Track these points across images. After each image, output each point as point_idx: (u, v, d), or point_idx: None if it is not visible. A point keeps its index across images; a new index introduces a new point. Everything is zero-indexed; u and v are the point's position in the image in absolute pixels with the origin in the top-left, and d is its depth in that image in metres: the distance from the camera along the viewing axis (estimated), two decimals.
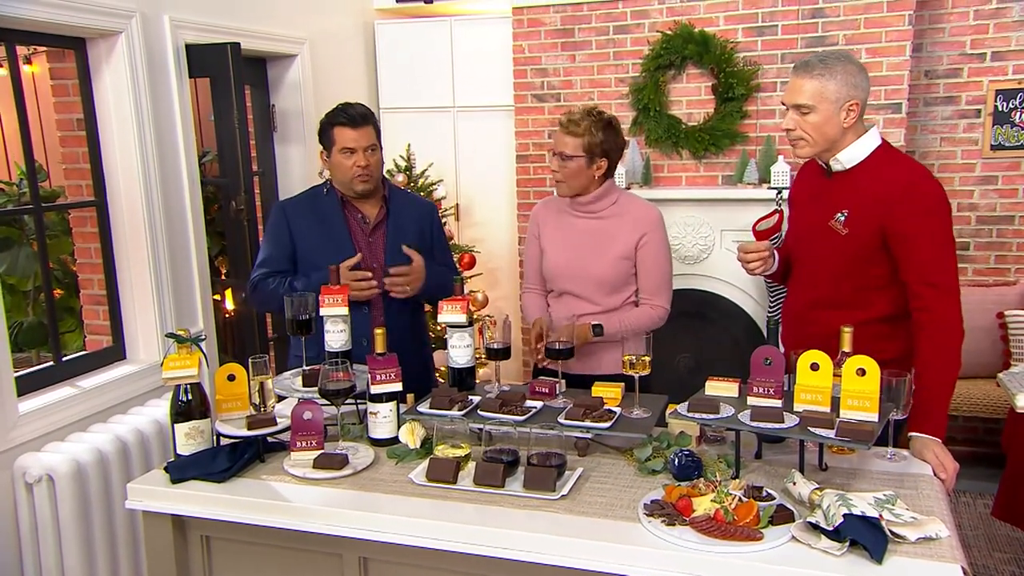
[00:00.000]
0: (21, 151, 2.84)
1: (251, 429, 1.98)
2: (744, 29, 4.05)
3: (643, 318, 2.53)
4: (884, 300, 2.13)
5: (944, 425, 1.98)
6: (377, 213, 2.62)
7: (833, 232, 2.13)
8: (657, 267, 2.55)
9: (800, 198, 2.34)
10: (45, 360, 4.38)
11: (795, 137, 2.11)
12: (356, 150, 2.50)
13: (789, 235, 2.40)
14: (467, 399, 2.12)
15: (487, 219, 4.79)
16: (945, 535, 1.57)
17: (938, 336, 2.00)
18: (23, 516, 2.53)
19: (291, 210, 2.62)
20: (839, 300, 2.16)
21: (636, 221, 2.52)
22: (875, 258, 2.10)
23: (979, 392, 3.81)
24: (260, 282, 2.57)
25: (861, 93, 2.06)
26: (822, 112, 2.05)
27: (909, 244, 2.03)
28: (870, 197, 2.06)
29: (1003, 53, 3.96)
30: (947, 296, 2.02)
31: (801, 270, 2.29)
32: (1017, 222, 4.06)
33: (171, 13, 3.15)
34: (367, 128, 2.52)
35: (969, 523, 3.59)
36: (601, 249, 2.53)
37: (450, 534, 1.70)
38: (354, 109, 2.53)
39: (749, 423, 1.79)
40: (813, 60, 2.07)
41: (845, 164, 2.12)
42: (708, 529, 1.59)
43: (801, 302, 2.28)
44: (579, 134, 2.45)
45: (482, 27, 4.59)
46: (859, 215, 2.08)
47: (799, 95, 2.06)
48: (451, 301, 2.19)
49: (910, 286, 2.06)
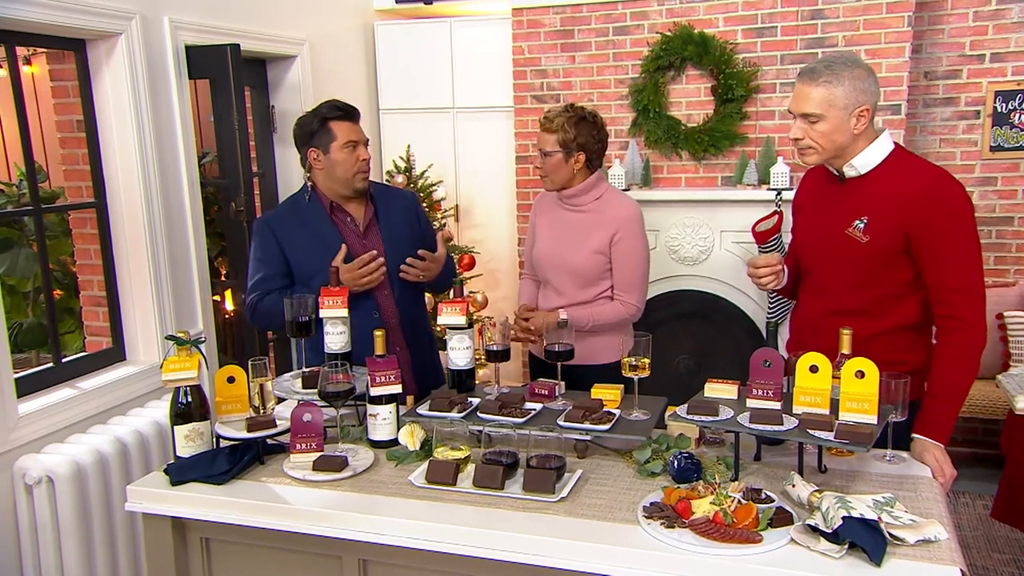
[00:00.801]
0: (21, 152, 2.84)
1: (251, 431, 1.98)
2: (744, 30, 4.05)
3: (612, 313, 2.59)
4: (906, 308, 2.06)
5: (950, 431, 1.95)
6: (365, 213, 2.57)
7: (852, 240, 2.04)
8: (630, 264, 2.59)
9: (808, 205, 2.25)
10: (45, 361, 4.38)
11: (804, 146, 2.04)
12: (359, 143, 2.47)
13: (797, 244, 2.30)
14: (466, 401, 2.12)
15: (487, 220, 4.80)
16: (944, 537, 1.57)
17: (965, 343, 1.96)
18: (23, 518, 2.53)
19: (276, 224, 2.52)
20: (859, 309, 2.07)
21: (613, 217, 2.58)
22: (898, 265, 2.02)
23: (978, 393, 3.81)
24: (258, 303, 2.48)
25: (871, 97, 1.98)
26: (831, 120, 1.97)
27: (935, 248, 1.96)
28: (891, 202, 1.99)
29: (1002, 54, 3.96)
30: (976, 300, 1.96)
31: (815, 279, 2.20)
32: (1016, 223, 4.06)
33: (171, 14, 3.15)
34: (359, 122, 2.51)
35: (968, 524, 3.59)
36: (578, 241, 2.60)
37: (449, 536, 1.70)
38: (344, 103, 2.50)
39: (748, 425, 1.79)
40: (819, 66, 1.98)
41: (860, 170, 2.05)
42: (707, 532, 1.59)
43: (816, 312, 2.18)
44: (553, 130, 2.54)
45: (482, 28, 4.59)
46: (880, 221, 2.00)
47: (806, 104, 1.99)
48: (450, 303, 2.19)
49: (936, 291, 1.99)
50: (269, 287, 2.49)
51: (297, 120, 2.54)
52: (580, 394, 2.20)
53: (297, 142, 2.53)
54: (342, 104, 2.50)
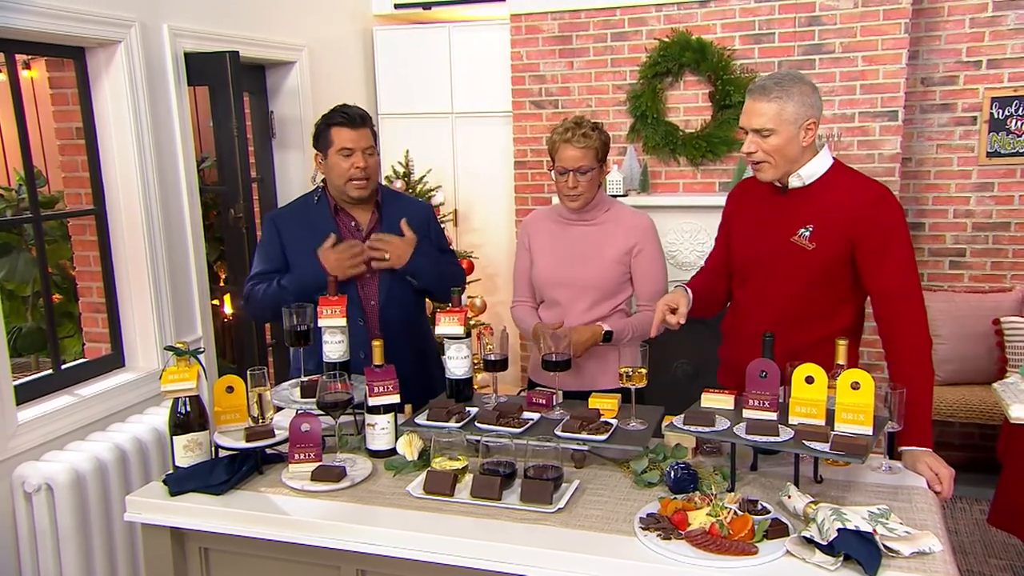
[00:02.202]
0: (20, 157, 2.84)
1: (249, 441, 1.99)
2: (741, 37, 4.06)
3: (648, 321, 2.49)
4: (846, 313, 2.19)
5: (930, 434, 2.00)
6: (370, 219, 2.57)
7: (797, 247, 2.14)
8: (656, 273, 2.59)
9: (744, 218, 2.31)
10: (44, 365, 4.39)
11: (757, 160, 2.13)
12: (354, 151, 2.44)
13: (733, 255, 2.34)
14: (464, 411, 2.13)
15: (485, 225, 4.81)
16: (939, 549, 1.58)
17: (913, 347, 2.04)
18: (22, 525, 2.54)
19: (281, 222, 2.57)
20: (805, 315, 2.16)
21: (631, 228, 2.55)
22: (841, 272, 2.13)
23: (975, 398, 3.83)
24: (251, 292, 2.53)
25: (816, 112, 2.10)
26: (783, 134, 2.07)
27: (880, 256, 2.06)
28: (836, 211, 2.09)
29: (999, 61, 3.97)
30: (918, 304, 2.06)
31: (757, 290, 2.25)
32: (1013, 228, 4.08)
33: (170, 22, 3.16)
34: (365, 130, 2.48)
35: (965, 529, 3.60)
36: (594, 254, 2.55)
37: (447, 547, 1.71)
38: (352, 110, 2.48)
39: (744, 436, 1.80)
40: (769, 83, 2.08)
41: (805, 180, 2.14)
42: (703, 543, 1.60)
43: (761, 322, 2.17)
44: (590, 146, 2.47)
45: (480, 33, 4.60)
46: (826, 229, 2.10)
47: (759, 119, 2.08)
48: (449, 313, 2.20)
49: (879, 297, 2.09)
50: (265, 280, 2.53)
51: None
52: (577, 404, 2.21)
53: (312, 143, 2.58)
54: (347, 109, 2.48)
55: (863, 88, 3.91)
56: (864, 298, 2.20)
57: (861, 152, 3.96)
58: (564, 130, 2.49)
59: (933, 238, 4.21)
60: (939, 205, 4.18)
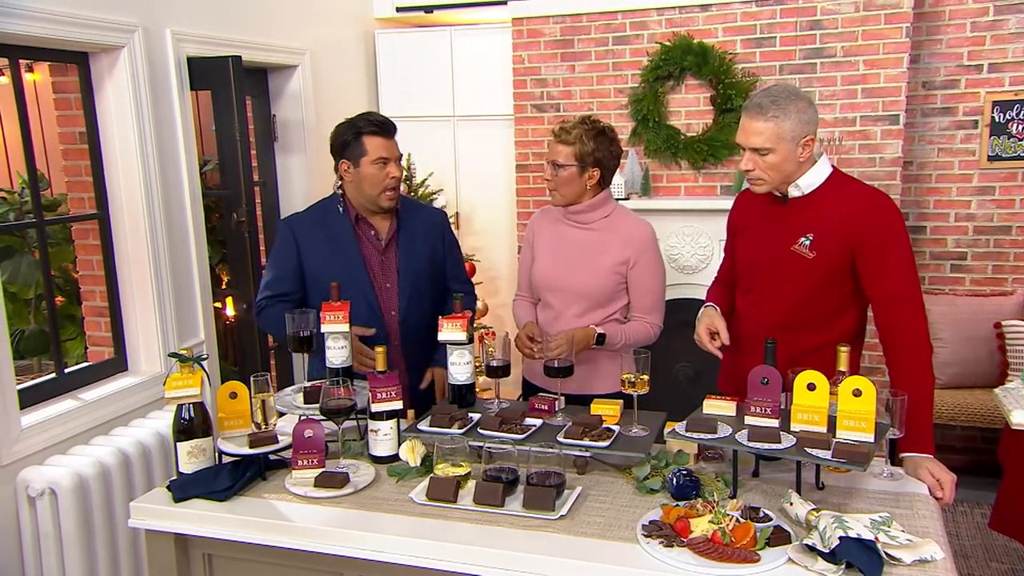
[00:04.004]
0: (23, 159, 2.85)
1: (253, 447, 2.00)
2: (743, 40, 4.06)
3: (642, 333, 2.52)
4: (847, 320, 2.19)
5: (931, 440, 2.00)
6: (389, 228, 2.55)
7: (798, 256, 2.15)
8: (651, 286, 2.54)
9: (748, 225, 2.32)
10: (47, 367, 4.40)
11: (754, 177, 2.14)
12: (390, 160, 2.42)
13: (738, 264, 2.36)
14: (467, 416, 2.13)
15: (487, 228, 4.81)
16: (940, 557, 1.59)
17: (913, 352, 2.04)
18: (26, 530, 2.54)
19: (298, 227, 2.52)
20: (805, 323, 2.18)
21: (628, 238, 2.50)
22: (841, 279, 2.14)
23: (977, 402, 3.83)
24: (264, 309, 2.49)
25: (813, 127, 2.09)
26: (780, 152, 2.07)
27: (879, 261, 2.07)
28: (835, 219, 2.10)
29: (1000, 65, 3.98)
30: (918, 308, 2.06)
31: (758, 296, 2.28)
32: (1014, 232, 4.08)
33: (173, 27, 3.17)
34: (394, 139, 2.46)
35: (967, 533, 3.61)
36: (588, 261, 2.51)
37: (450, 554, 1.72)
38: (381, 117, 2.45)
39: (746, 443, 1.81)
40: (765, 101, 2.06)
41: (804, 190, 2.14)
42: (706, 551, 1.60)
43: (763, 328, 2.20)
44: (571, 142, 2.45)
45: (482, 37, 4.61)
46: (826, 237, 2.11)
47: (756, 138, 2.07)
48: (451, 319, 2.20)
49: (879, 303, 2.10)
50: (278, 289, 2.49)
51: (334, 128, 2.50)
52: (580, 410, 2.21)
53: (331, 150, 2.51)
54: (379, 118, 2.45)
55: (864, 92, 3.92)
56: (866, 305, 2.21)
57: (862, 156, 3.97)
58: (561, 122, 2.54)
59: (934, 242, 4.21)
60: (940, 209, 4.18)
